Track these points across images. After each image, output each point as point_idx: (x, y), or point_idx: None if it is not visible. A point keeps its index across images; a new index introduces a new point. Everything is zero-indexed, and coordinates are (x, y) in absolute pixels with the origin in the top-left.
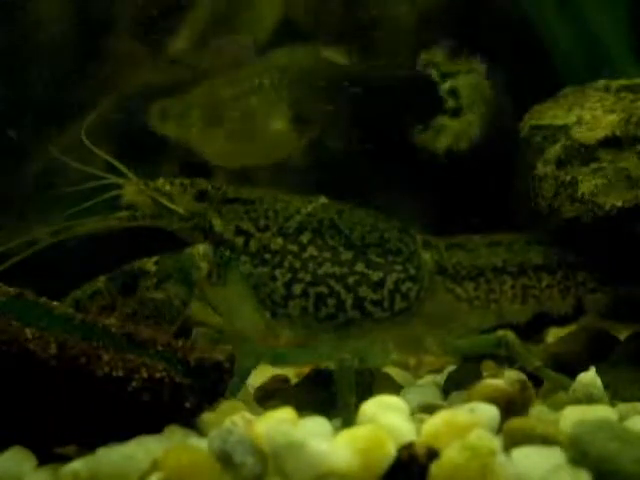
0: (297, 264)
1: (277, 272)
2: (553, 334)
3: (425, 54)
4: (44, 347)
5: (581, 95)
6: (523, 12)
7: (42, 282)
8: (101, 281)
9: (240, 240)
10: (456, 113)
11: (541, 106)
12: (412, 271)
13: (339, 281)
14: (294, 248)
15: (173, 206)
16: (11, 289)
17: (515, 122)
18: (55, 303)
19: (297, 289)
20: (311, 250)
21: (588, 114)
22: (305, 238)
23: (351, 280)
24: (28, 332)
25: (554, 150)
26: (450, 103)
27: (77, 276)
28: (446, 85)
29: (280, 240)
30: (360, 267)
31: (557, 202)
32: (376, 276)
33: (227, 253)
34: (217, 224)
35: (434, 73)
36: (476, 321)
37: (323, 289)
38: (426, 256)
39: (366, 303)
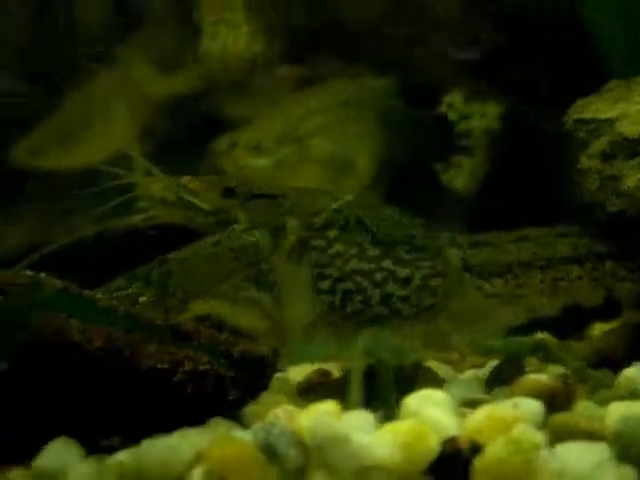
0: (324, 260)
1: None
2: (598, 329)
3: (447, 96)
4: (89, 339)
5: (626, 89)
6: (569, 6)
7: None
8: (125, 277)
9: None
10: (469, 153)
11: (585, 100)
12: (439, 267)
13: (366, 277)
14: (321, 244)
15: (198, 202)
16: (58, 282)
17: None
18: (100, 296)
19: (324, 285)
20: (338, 246)
21: (633, 108)
22: (332, 234)
23: (378, 276)
24: (74, 324)
25: (598, 144)
26: (463, 142)
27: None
28: (461, 126)
29: (308, 235)
30: (387, 263)
31: (601, 196)
32: (403, 272)
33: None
34: (242, 220)
35: (451, 114)
36: (506, 317)
37: (350, 285)
38: (452, 253)
39: (393, 299)
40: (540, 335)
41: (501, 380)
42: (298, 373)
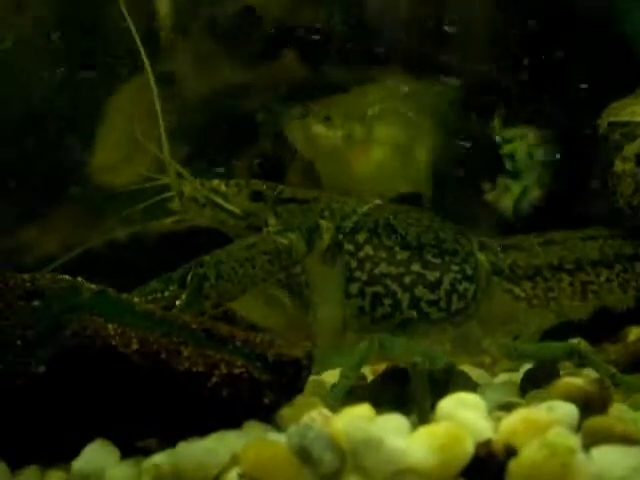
0: (353, 263)
1: None
2: (634, 334)
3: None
4: (126, 343)
5: None
6: (604, 7)
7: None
8: (160, 280)
9: None
10: (515, 176)
11: (619, 102)
12: (469, 271)
13: (395, 281)
14: (350, 247)
15: (229, 206)
16: (94, 285)
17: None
18: (136, 299)
19: (353, 288)
20: (367, 249)
21: None
22: (361, 237)
23: (407, 280)
24: (111, 328)
25: (633, 147)
26: (508, 165)
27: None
28: (505, 148)
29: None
30: (416, 267)
31: (636, 199)
32: (433, 276)
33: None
34: (273, 224)
35: (497, 136)
36: (536, 320)
37: (379, 289)
38: (482, 257)
39: (422, 303)
40: (575, 341)
41: (535, 383)
42: (333, 376)
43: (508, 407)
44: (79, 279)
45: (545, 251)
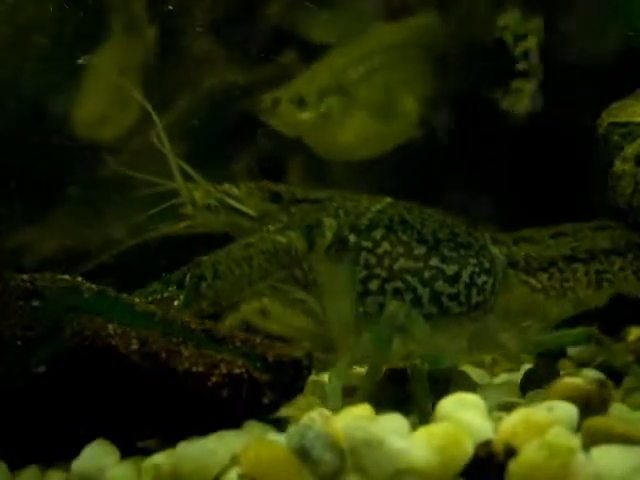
0: (372, 260)
1: None
2: (635, 333)
3: (501, 18)
4: (126, 343)
5: None
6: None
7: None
8: (160, 283)
9: None
10: (526, 75)
11: (620, 103)
12: (486, 264)
13: (415, 276)
14: (368, 244)
15: (244, 208)
16: (94, 286)
17: None
18: (136, 300)
19: (373, 285)
20: (385, 245)
21: None
22: (378, 234)
23: (427, 275)
24: (110, 328)
25: (633, 147)
26: (521, 65)
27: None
28: (520, 47)
29: (353, 237)
30: (435, 261)
31: (636, 200)
32: (451, 270)
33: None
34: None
35: (508, 36)
36: (555, 310)
37: (399, 284)
38: (496, 250)
39: (443, 297)
40: (590, 328)
41: (535, 384)
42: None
43: (508, 407)
44: (79, 279)
45: (557, 243)
